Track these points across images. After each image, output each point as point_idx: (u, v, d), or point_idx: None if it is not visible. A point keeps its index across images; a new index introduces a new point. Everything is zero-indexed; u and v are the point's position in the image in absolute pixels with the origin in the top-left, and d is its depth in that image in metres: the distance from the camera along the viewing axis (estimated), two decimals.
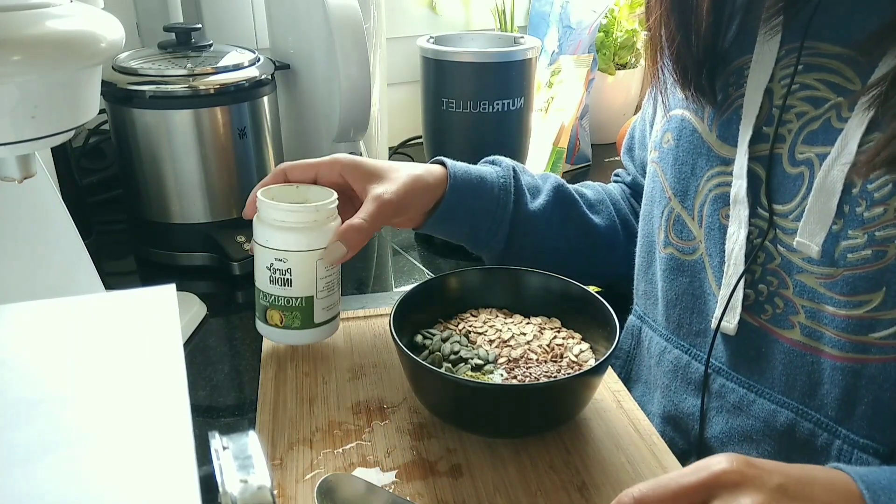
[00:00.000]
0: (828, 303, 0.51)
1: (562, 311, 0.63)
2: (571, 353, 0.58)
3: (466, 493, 0.49)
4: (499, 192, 0.69)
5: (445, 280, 0.64)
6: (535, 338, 0.60)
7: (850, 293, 0.49)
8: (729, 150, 0.56)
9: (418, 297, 0.61)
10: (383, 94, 1.07)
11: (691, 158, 0.59)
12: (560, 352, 0.58)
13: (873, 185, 0.47)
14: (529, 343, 0.59)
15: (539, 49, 1.02)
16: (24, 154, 0.55)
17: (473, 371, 0.56)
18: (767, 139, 0.54)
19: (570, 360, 0.57)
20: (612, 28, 1.26)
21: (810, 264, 0.51)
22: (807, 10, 0.52)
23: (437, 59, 0.97)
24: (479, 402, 0.52)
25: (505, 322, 0.62)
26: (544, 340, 0.59)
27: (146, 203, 0.89)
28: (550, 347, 0.59)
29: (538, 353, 0.58)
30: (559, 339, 0.60)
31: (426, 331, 0.61)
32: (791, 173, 0.52)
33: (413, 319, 0.60)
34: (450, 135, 0.98)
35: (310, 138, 1.02)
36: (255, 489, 0.26)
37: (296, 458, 0.52)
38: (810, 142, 0.51)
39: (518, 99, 0.98)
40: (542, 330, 0.61)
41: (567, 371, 0.56)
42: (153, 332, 0.31)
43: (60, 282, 0.64)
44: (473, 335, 0.60)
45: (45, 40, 0.50)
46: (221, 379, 0.69)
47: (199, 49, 0.91)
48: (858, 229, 0.48)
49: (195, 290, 0.82)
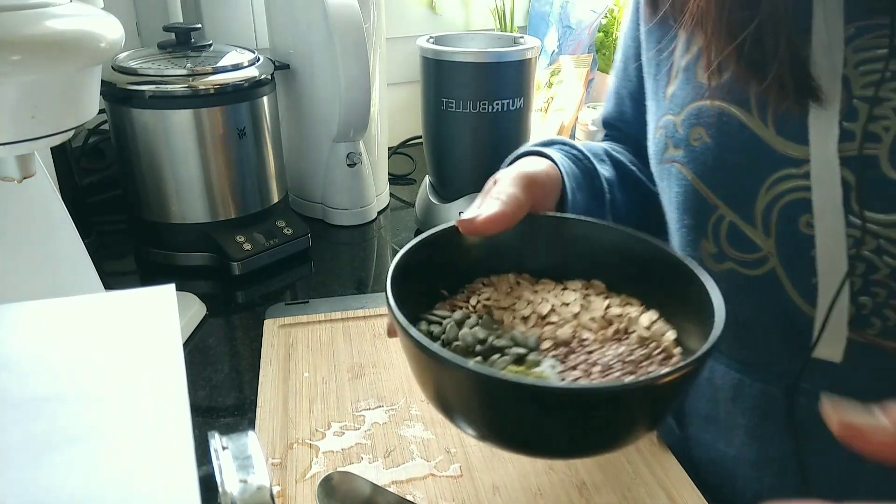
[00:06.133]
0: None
1: (608, 271, 0.47)
2: (639, 325, 0.42)
3: (466, 493, 0.49)
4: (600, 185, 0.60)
5: (450, 236, 0.46)
6: (584, 309, 0.43)
7: None
8: (796, 150, 0.47)
9: (415, 261, 0.43)
10: (383, 94, 1.07)
11: (744, 159, 0.50)
12: (622, 325, 0.42)
13: None
14: (578, 316, 0.43)
15: (539, 49, 1.02)
16: (23, 154, 0.55)
17: (516, 364, 0.40)
18: (853, 137, 0.45)
19: (641, 335, 0.41)
20: (611, 28, 1.27)
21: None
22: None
23: (437, 59, 0.97)
24: (551, 412, 0.34)
25: (535, 290, 0.45)
26: (596, 311, 0.43)
27: (146, 203, 0.89)
28: (607, 320, 0.42)
29: (593, 329, 0.42)
30: (615, 309, 0.44)
31: (432, 313, 0.44)
32: (895, 179, 0.45)
33: (407, 292, 0.41)
34: (450, 135, 0.98)
35: (309, 138, 1.02)
36: (254, 489, 0.26)
37: (296, 458, 0.52)
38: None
39: (518, 99, 0.98)
40: (587, 297, 0.45)
41: (641, 352, 0.40)
42: (153, 332, 0.31)
43: (60, 282, 0.64)
44: (498, 312, 0.44)
45: (45, 40, 0.50)
46: (221, 379, 0.69)
47: (198, 49, 0.91)
48: None
49: (195, 290, 0.82)
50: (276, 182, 0.95)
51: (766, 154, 0.48)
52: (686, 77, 0.54)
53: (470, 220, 0.44)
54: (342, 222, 1.04)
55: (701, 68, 0.52)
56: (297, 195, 1.08)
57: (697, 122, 0.52)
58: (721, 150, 0.51)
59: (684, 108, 0.53)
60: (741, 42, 0.47)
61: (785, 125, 0.48)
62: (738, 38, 0.47)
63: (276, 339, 0.67)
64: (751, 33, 0.46)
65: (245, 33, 1.15)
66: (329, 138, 0.99)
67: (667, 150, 0.56)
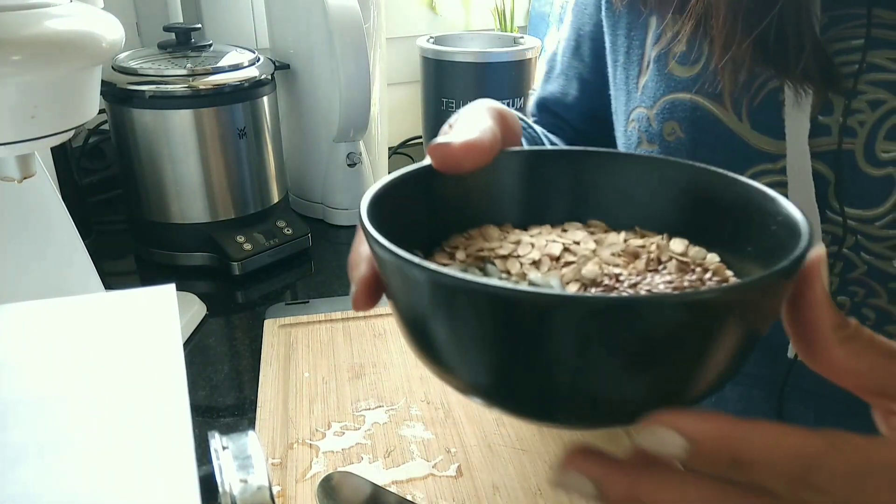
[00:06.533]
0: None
1: (610, 209, 0.36)
2: (672, 252, 0.33)
3: (466, 493, 0.49)
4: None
5: (417, 181, 0.34)
6: (601, 244, 0.34)
7: None
8: (771, 144, 0.46)
9: (381, 213, 0.31)
10: (383, 94, 1.07)
11: (719, 154, 0.48)
12: (653, 254, 0.32)
13: None
14: (597, 252, 0.33)
15: (539, 49, 1.02)
16: (23, 154, 0.55)
17: None
18: (828, 131, 0.44)
19: (679, 262, 0.32)
20: None
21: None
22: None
23: (437, 59, 0.97)
24: (590, 338, 0.24)
25: (531, 235, 0.35)
26: (615, 245, 0.34)
27: (146, 203, 0.89)
28: (631, 253, 0.33)
29: (620, 264, 0.32)
30: (636, 240, 0.34)
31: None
32: (872, 175, 0.43)
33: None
34: None
35: (309, 138, 1.02)
36: (254, 489, 0.26)
37: (296, 458, 0.52)
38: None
39: (518, 99, 0.98)
40: (594, 234, 0.35)
41: (691, 278, 0.31)
42: (153, 332, 0.31)
43: (60, 282, 0.64)
44: (500, 262, 0.33)
45: (45, 40, 0.50)
46: (221, 379, 0.69)
47: (198, 49, 0.91)
48: None
49: (195, 290, 0.82)
50: (276, 182, 0.95)
51: (741, 149, 0.47)
52: (657, 68, 0.52)
53: (444, 144, 0.32)
54: (342, 222, 1.04)
55: (674, 60, 0.50)
56: (297, 195, 1.08)
57: (671, 117, 0.50)
58: (696, 145, 0.49)
59: (657, 101, 0.51)
60: (762, 32, 0.43)
61: (760, 120, 0.46)
62: (756, 28, 0.43)
63: (276, 339, 0.67)
64: (773, 21, 0.43)
65: (245, 33, 1.15)
66: (329, 138, 0.99)
67: (640, 145, 0.54)
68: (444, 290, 0.25)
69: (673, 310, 0.24)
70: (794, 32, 0.43)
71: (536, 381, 0.26)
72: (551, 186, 0.37)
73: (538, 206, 0.37)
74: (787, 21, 0.43)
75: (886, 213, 0.44)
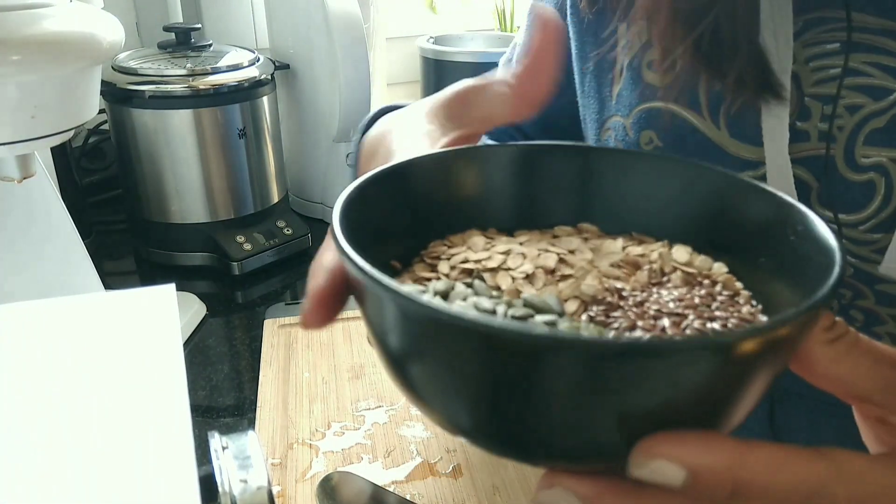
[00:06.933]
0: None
1: (601, 211, 0.33)
2: (675, 262, 0.30)
3: (466, 493, 0.49)
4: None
5: (402, 174, 0.31)
6: (597, 252, 0.31)
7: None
8: (751, 152, 0.45)
9: (364, 208, 0.28)
10: (383, 95, 1.07)
11: None
12: (655, 265, 0.29)
13: None
14: (595, 262, 0.30)
15: None
16: (23, 154, 0.55)
17: None
18: (807, 137, 0.44)
19: (683, 274, 0.29)
20: None
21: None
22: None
23: (437, 59, 0.97)
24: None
25: (520, 243, 0.32)
26: (614, 254, 0.30)
27: (146, 203, 0.89)
28: (631, 263, 0.30)
29: (621, 276, 0.29)
30: (634, 247, 0.31)
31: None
32: (854, 180, 0.43)
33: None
34: None
35: (309, 138, 1.02)
36: (254, 489, 0.26)
37: (296, 458, 0.52)
38: (876, 143, 0.42)
39: None
40: (588, 241, 0.32)
41: (700, 293, 0.28)
42: (153, 332, 0.31)
43: (60, 282, 0.64)
44: (488, 276, 0.29)
45: (45, 40, 0.50)
46: (221, 379, 0.69)
47: (198, 49, 0.91)
48: None
49: (195, 290, 0.82)
50: (275, 182, 0.95)
51: (720, 157, 0.46)
52: (631, 76, 0.51)
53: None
54: None
55: (647, 67, 0.49)
56: (297, 195, 1.08)
57: (648, 126, 0.49)
58: (674, 154, 0.47)
59: (632, 109, 0.51)
60: (698, 37, 0.43)
61: (737, 127, 0.45)
62: (693, 32, 0.43)
63: (275, 339, 0.68)
64: (708, 26, 0.42)
65: (245, 33, 1.15)
66: (329, 138, 0.99)
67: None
68: (440, 331, 0.21)
69: (716, 352, 0.20)
70: (730, 36, 0.42)
71: (535, 425, 0.23)
72: (539, 186, 0.34)
73: (525, 207, 0.34)
74: (723, 25, 0.42)
75: (869, 217, 0.43)
